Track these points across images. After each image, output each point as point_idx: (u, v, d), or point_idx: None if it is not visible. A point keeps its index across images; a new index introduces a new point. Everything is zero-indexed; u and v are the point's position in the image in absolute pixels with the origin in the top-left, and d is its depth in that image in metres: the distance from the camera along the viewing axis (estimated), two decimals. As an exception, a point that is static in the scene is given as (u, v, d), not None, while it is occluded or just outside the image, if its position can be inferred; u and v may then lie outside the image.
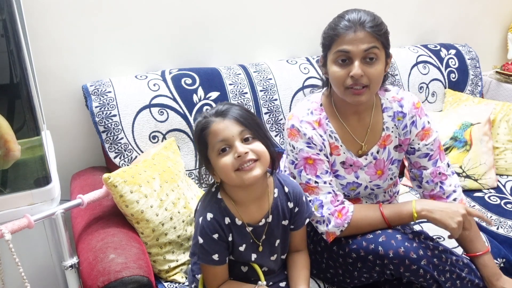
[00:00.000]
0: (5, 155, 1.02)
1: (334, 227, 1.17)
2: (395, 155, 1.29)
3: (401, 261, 1.09)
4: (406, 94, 1.28)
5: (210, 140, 1.02)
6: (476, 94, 2.12)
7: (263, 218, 1.11)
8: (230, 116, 1.01)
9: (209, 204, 1.08)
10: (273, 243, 1.15)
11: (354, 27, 1.10)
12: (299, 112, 1.23)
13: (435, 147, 1.26)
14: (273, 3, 1.82)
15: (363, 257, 1.14)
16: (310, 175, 1.19)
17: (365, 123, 1.25)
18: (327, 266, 1.25)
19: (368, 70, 1.11)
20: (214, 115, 1.03)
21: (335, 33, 1.13)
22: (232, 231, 1.08)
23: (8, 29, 0.98)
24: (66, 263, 1.18)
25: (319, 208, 1.19)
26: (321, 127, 1.21)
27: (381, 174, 1.29)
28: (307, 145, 1.19)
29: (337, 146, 1.23)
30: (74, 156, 1.64)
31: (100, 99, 1.48)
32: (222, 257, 1.08)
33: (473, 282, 1.17)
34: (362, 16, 1.11)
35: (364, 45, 1.10)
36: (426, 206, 1.15)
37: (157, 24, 1.65)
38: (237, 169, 1.00)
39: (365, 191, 1.31)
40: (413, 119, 1.25)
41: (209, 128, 1.01)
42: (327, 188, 1.19)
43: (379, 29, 1.12)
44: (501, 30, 2.50)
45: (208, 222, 1.05)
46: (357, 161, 1.25)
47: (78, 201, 1.20)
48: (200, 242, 1.05)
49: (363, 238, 1.15)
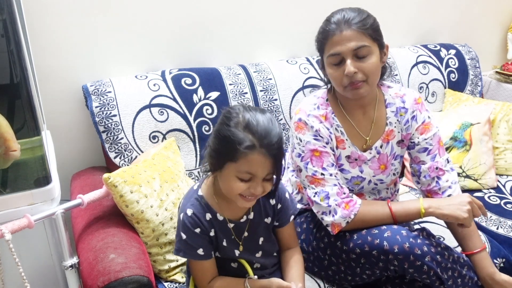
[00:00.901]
0: (4, 154, 1.02)
1: (340, 217, 1.17)
2: (398, 150, 1.31)
3: (405, 256, 1.09)
4: (408, 90, 1.31)
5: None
6: (476, 94, 2.12)
7: (244, 215, 1.13)
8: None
9: (190, 200, 1.10)
10: (257, 241, 1.15)
11: (340, 27, 1.13)
12: (306, 106, 1.25)
13: (434, 142, 1.27)
14: (273, 3, 1.82)
15: (367, 252, 1.14)
16: (317, 167, 1.20)
17: (370, 118, 1.27)
18: (329, 263, 1.25)
19: (362, 66, 1.13)
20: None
21: (324, 37, 1.16)
22: (214, 226, 1.09)
23: (8, 29, 0.98)
24: (66, 263, 1.18)
25: (325, 199, 1.19)
26: (327, 121, 1.23)
27: (384, 169, 1.30)
28: (314, 138, 1.20)
29: (342, 140, 1.25)
30: (74, 156, 1.64)
31: (100, 99, 1.48)
32: (207, 251, 1.08)
33: (473, 279, 1.18)
34: (346, 15, 1.14)
35: (352, 43, 1.12)
36: (433, 203, 1.17)
37: (157, 24, 1.65)
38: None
39: (369, 185, 1.32)
40: (414, 113, 1.27)
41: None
42: (333, 180, 1.20)
43: (365, 24, 1.13)
44: (501, 30, 2.50)
45: (189, 218, 1.07)
46: (361, 155, 1.26)
47: (78, 201, 1.20)
48: (183, 238, 1.07)
49: (368, 233, 1.16)
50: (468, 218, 1.12)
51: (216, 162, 1.02)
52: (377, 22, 1.17)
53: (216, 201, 1.10)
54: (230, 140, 0.97)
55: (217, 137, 1.00)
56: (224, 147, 0.98)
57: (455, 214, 1.13)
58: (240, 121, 0.98)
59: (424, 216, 1.17)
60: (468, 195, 1.17)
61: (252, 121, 0.97)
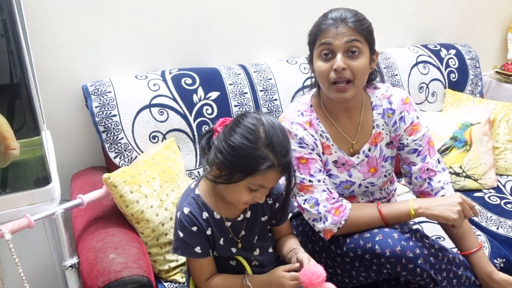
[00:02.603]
0: (3, 153, 1.02)
1: (331, 224, 1.17)
2: (388, 152, 1.30)
3: (397, 260, 1.09)
4: (395, 90, 1.29)
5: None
6: (476, 94, 2.12)
7: (241, 213, 1.13)
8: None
9: (187, 199, 1.11)
10: (254, 239, 1.16)
11: (336, 23, 1.13)
12: (289, 114, 1.24)
13: (424, 142, 1.26)
14: (273, 3, 1.82)
15: (360, 256, 1.14)
16: (304, 174, 1.19)
17: (355, 122, 1.26)
18: (325, 266, 1.24)
19: (351, 63, 1.13)
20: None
21: (319, 30, 1.16)
22: (211, 225, 1.09)
23: (8, 29, 0.98)
24: (66, 263, 1.18)
25: (314, 206, 1.19)
26: (312, 127, 1.22)
27: (374, 172, 1.29)
28: (299, 145, 1.20)
29: (328, 145, 1.24)
30: (74, 156, 1.64)
31: (100, 99, 1.48)
32: (205, 249, 1.09)
33: (470, 279, 1.18)
34: (344, 13, 1.14)
35: (346, 38, 1.12)
36: (423, 203, 1.16)
37: (157, 24, 1.65)
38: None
39: (360, 189, 1.31)
40: (401, 114, 1.26)
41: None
42: (322, 186, 1.20)
43: (361, 24, 1.14)
44: (501, 30, 2.50)
45: (185, 216, 1.07)
46: (349, 159, 1.25)
47: (78, 201, 1.20)
48: (181, 236, 1.07)
49: (360, 237, 1.15)
50: (458, 219, 1.11)
51: (230, 174, 1.00)
52: (372, 27, 1.18)
53: (214, 200, 1.10)
54: (250, 158, 0.97)
55: (236, 152, 0.98)
56: (243, 161, 0.98)
57: (445, 215, 1.11)
58: (261, 137, 0.98)
59: (415, 217, 1.16)
60: (460, 195, 1.15)
61: (272, 137, 0.99)
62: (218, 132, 1.04)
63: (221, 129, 1.04)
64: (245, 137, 0.98)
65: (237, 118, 1.03)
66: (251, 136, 0.98)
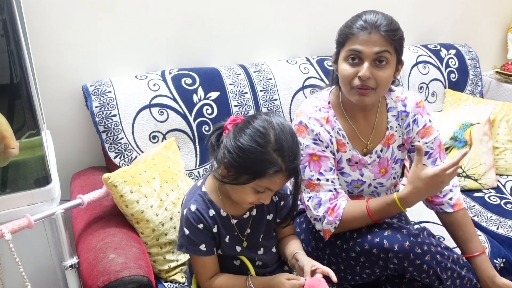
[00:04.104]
0: (3, 152, 1.02)
1: (327, 224, 1.19)
2: (399, 154, 1.30)
3: (405, 255, 1.09)
4: (410, 93, 1.30)
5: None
6: (476, 94, 2.12)
7: (248, 211, 1.13)
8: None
9: (193, 196, 1.10)
10: (259, 237, 1.16)
11: (369, 29, 1.11)
12: (307, 109, 1.24)
13: (435, 145, 1.27)
14: (274, 3, 1.82)
15: (367, 250, 1.14)
16: (314, 171, 1.20)
17: (371, 122, 1.27)
18: (328, 263, 1.25)
19: (377, 73, 1.12)
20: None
21: (350, 31, 1.14)
22: (217, 222, 1.09)
23: (8, 29, 0.98)
24: (66, 263, 1.18)
25: (316, 207, 1.20)
26: (329, 124, 1.23)
27: (384, 173, 1.29)
28: (313, 142, 1.20)
29: (344, 143, 1.25)
30: (74, 156, 1.64)
31: (100, 99, 1.48)
32: (210, 247, 1.09)
33: (472, 281, 1.18)
34: (379, 19, 1.12)
35: (376, 48, 1.11)
36: (407, 190, 1.12)
37: (157, 24, 1.65)
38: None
39: (369, 188, 1.32)
40: (415, 117, 1.27)
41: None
42: (329, 186, 1.20)
43: (394, 34, 1.12)
44: (501, 30, 2.50)
45: (192, 213, 1.07)
46: (362, 159, 1.26)
47: (78, 201, 1.20)
48: (186, 233, 1.07)
49: (368, 232, 1.16)
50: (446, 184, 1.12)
51: (237, 175, 1.00)
52: (404, 38, 1.16)
53: (220, 198, 1.10)
54: (258, 161, 0.97)
55: (245, 154, 0.97)
56: (251, 164, 0.98)
57: (434, 191, 1.12)
58: (271, 141, 0.98)
59: (405, 205, 1.13)
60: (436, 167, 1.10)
61: (282, 141, 0.98)
62: (228, 130, 1.04)
63: (231, 127, 1.03)
64: (254, 140, 0.97)
65: (248, 119, 1.02)
66: (261, 140, 0.97)
